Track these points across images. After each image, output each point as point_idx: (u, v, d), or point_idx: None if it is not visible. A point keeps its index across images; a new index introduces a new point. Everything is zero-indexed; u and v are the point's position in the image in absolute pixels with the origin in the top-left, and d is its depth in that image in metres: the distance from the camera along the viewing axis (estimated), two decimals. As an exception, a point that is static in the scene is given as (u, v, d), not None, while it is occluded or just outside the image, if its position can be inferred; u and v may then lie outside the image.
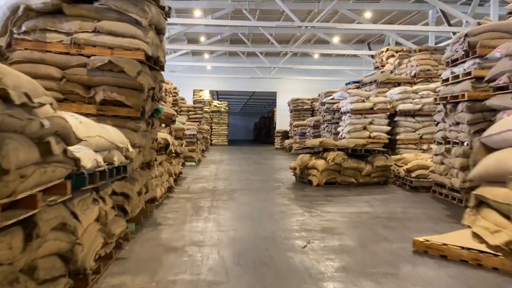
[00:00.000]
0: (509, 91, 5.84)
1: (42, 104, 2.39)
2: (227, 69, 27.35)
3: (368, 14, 18.68)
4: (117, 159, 4.14)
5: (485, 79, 6.49)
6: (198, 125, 18.35)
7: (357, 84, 17.49)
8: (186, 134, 12.95)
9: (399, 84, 14.21)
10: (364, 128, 12.61)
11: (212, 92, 31.87)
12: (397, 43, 19.97)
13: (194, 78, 27.65)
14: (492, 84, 6.28)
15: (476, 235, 2.69)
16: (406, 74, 15.04)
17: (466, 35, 7.13)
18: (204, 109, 24.70)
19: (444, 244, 4.23)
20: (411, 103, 12.50)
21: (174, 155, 9.42)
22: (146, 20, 4.93)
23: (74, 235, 2.95)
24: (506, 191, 2.49)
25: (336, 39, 23.35)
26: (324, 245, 4.74)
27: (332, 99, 17.14)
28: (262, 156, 20.37)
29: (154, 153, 6.49)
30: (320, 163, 9.54)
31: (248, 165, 15.08)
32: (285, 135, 26.37)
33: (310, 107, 24.50)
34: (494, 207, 2.65)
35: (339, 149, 9.71)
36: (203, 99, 28.34)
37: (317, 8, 17.81)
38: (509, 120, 2.87)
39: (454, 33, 15.09)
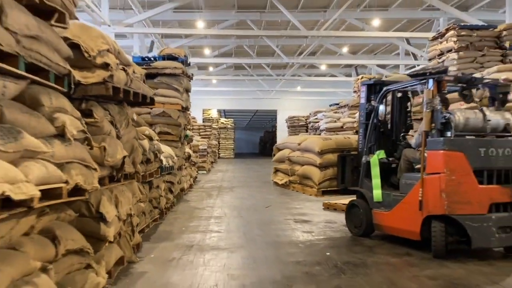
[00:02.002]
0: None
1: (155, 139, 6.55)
2: (232, 91, 31.10)
3: (345, 49, 22.81)
4: (170, 162, 8.27)
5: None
6: (208, 140, 22.26)
7: (338, 105, 21.50)
8: (200, 148, 17.12)
9: (366, 107, 18.12)
10: (336, 143, 16.58)
11: (219, 110, 35.17)
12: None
13: (203, 100, 30.85)
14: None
15: (275, 182, 7.14)
16: (373, 99, 18.97)
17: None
18: (212, 126, 28.26)
19: (335, 203, 8.30)
20: (371, 122, 16.52)
21: (193, 163, 13.61)
22: (182, 87, 9.11)
23: (160, 192, 7.08)
24: (284, 165, 6.96)
25: (323, 67, 27.53)
26: (279, 206, 8.85)
27: (316, 118, 21.20)
28: (262, 166, 23.95)
29: (183, 161, 10.63)
30: (294, 168, 13.63)
31: (248, 173, 19.15)
32: (284, 148, 29.95)
33: (304, 123, 27.89)
34: (281, 171, 7.13)
35: (308, 158, 13.80)
36: (211, 117, 31.77)
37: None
38: (287, 138, 7.38)
39: (418, 65, 19.14)
